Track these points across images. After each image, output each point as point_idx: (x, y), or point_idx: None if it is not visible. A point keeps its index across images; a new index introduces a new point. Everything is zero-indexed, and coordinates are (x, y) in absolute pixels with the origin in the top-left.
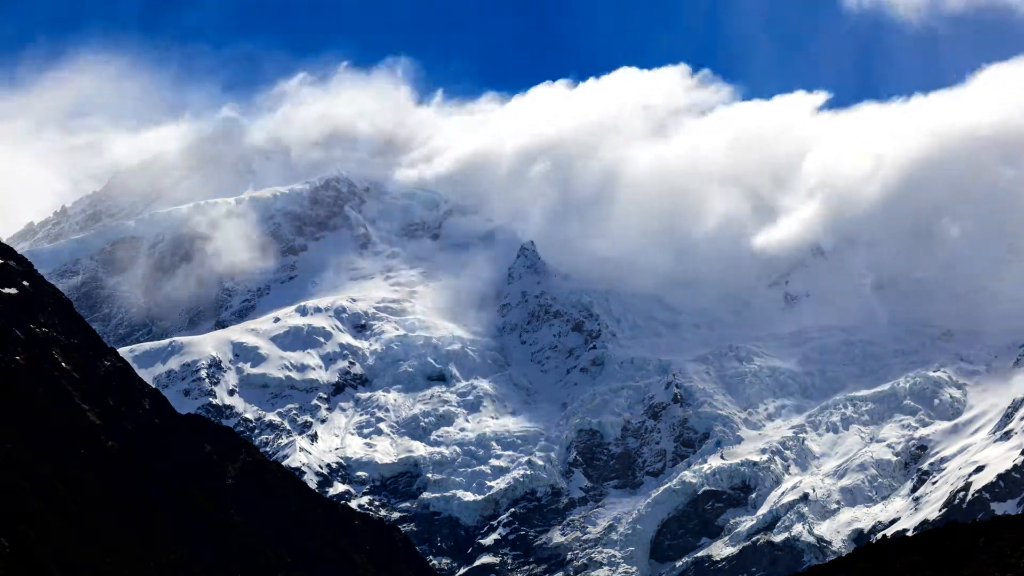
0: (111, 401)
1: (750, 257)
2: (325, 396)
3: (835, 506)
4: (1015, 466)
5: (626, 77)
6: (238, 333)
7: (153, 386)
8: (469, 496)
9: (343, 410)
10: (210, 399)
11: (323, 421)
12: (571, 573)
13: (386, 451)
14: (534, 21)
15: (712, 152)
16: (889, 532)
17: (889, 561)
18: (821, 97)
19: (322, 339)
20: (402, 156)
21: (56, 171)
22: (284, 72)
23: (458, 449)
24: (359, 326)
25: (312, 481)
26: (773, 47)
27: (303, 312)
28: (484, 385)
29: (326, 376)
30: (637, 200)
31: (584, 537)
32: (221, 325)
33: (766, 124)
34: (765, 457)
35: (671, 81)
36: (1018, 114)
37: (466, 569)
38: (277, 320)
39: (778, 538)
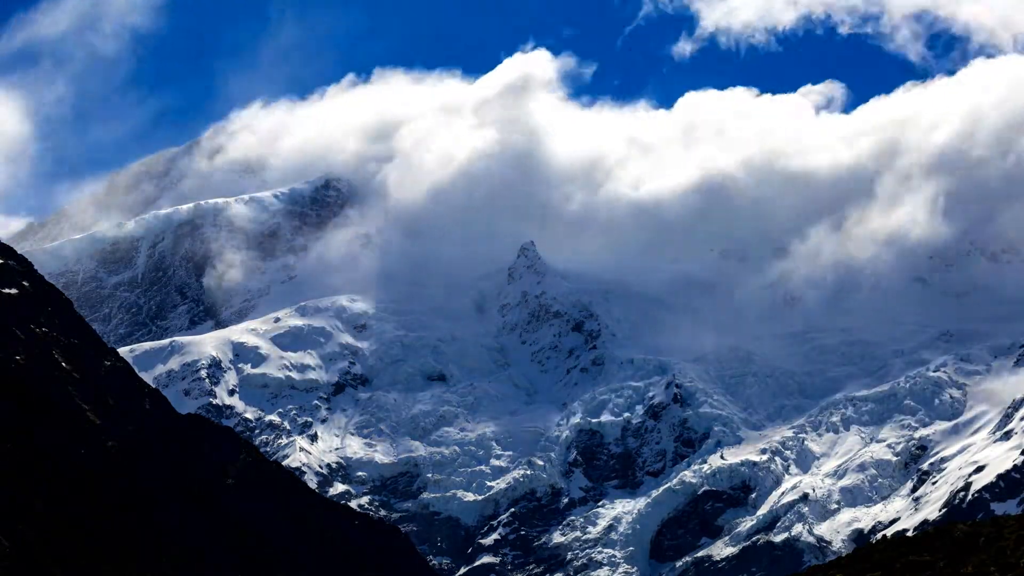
0: (111, 401)
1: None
2: (325, 396)
3: (835, 506)
4: (1015, 466)
5: None
6: (238, 333)
7: (153, 386)
8: (469, 496)
9: (343, 410)
10: (210, 399)
11: (323, 421)
12: (571, 573)
13: (386, 451)
14: None
15: None
16: (889, 532)
17: (889, 561)
18: None
19: (322, 339)
20: None
21: None
22: None
23: (458, 449)
24: (359, 326)
25: (312, 481)
26: None
27: (303, 312)
28: (484, 385)
29: (326, 376)
30: None
31: (584, 537)
32: (221, 325)
33: None
34: (765, 457)
35: None
36: None
37: (466, 569)
38: (277, 320)
39: (778, 538)
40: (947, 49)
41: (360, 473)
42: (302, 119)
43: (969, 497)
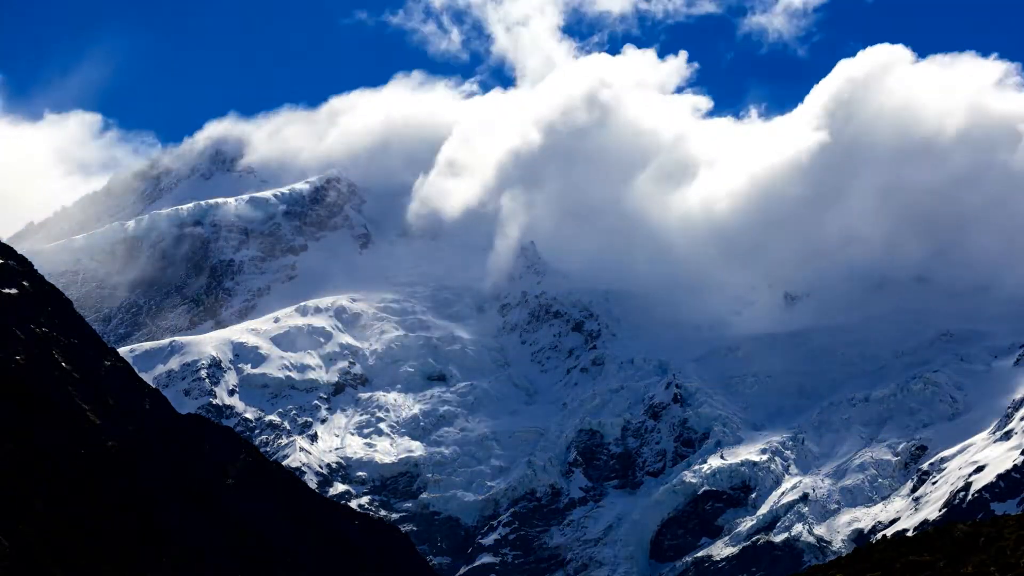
0: (111, 401)
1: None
2: (325, 396)
3: (835, 506)
4: (1015, 466)
5: None
6: (238, 333)
7: (153, 386)
8: (469, 496)
9: (343, 410)
10: (210, 399)
11: (323, 421)
12: (571, 573)
13: (386, 451)
14: None
15: None
16: (889, 532)
17: (889, 561)
18: None
19: (322, 339)
20: None
21: None
22: None
23: (458, 449)
24: (359, 326)
25: (312, 481)
26: None
27: (303, 312)
28: (484, 385)
29: (326, 376)
30: None
31: (584, 537)
32: (221, 325)
33: None
34: (765, 457)
35: None
36: None
37: (466, 569)
38: (277, 320)
39: (778, 538)
40: None
41: (360, 473)
42: (304, 121)
43: (969, 497)
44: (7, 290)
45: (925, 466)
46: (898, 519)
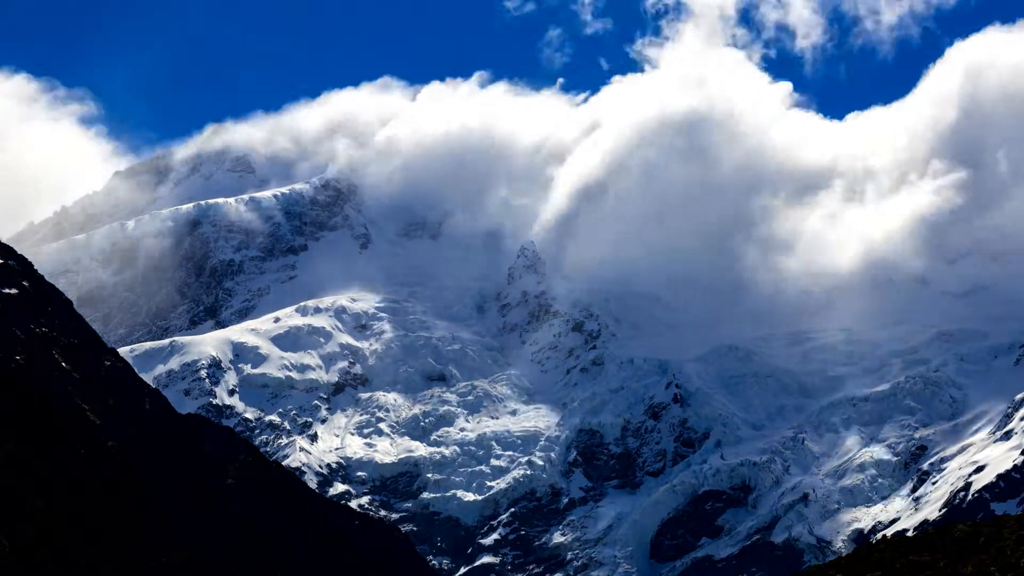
0: (111, 401)
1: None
2: (325, 396)
3: (835, 506)
4: (1015, 466)
5: None
6: (238, 333)
7: (153, 386)
8: (469, 496)
9: (343, 410)
10: (210, 399)
11: (323, 421)
12: (571, 573)
13: (386, 451)
14: None
15: None
16: (889, 532)
17: (889, 561)
18: None
19: (322, 339)
20: None
21: None
22: None
23: (458, 449)
24: (359, 326)
25: (312, 481)
26: None
27: (303, 312)
28: (484, 385)
29: (326, 376)
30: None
31: (584, 537)
32: (221, 325)
33: None
34: (765, 457)
35: None
36: None
37: (466, 569)
38: (277, 320)
39: (778, 538)
40: None
41: (360, 473)
42: (306, 120)
43: (969, 497)
44: (7, 290)
45: (925, 466)
46: (898, 519)
